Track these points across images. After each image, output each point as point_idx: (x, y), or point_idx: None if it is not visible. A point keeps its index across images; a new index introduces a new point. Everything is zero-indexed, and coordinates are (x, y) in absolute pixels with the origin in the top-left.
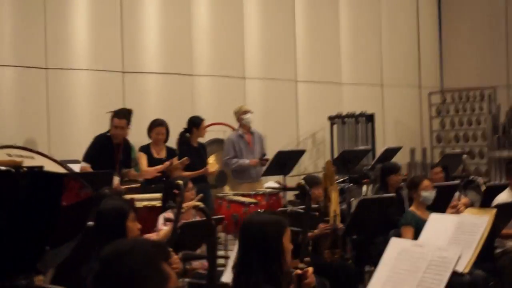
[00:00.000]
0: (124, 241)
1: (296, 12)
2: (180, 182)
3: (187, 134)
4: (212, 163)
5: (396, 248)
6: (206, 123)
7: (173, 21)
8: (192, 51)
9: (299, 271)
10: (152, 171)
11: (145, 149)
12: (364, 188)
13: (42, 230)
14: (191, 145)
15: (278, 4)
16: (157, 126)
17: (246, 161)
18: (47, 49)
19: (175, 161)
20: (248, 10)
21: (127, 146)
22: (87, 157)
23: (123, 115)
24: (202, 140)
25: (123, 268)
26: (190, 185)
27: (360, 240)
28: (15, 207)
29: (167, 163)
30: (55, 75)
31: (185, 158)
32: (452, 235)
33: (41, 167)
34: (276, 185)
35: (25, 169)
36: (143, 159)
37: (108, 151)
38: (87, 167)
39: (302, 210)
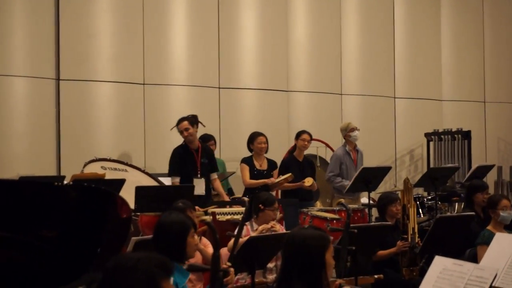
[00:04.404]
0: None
1: (395, 27)
2: (246, 199)
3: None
4: (308, 179)
5: (439, 266)
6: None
7: (270, 37)
8: (289, 67)
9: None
10: (254, 184)
11: (248, 161)
12: (457, 205)
13: (91, 242)
14: (295, 158)
15: (378, 20)
16: (258, 136)
17: (349, 183)
18: (145, 65)
19: (278, 177)
20: (346, 25)
21: (207, 149)
22: (173, 171)
23: (182, 119)
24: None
25: (123, 283)
26: (276, 205)
27: None
28: (64, 218)
29: (272, 179)
30: (152, 91)
31: (289, 174)
32: None
33: (122, 180)
34: (366, 202)
35: (71, 183)
36: (245, 171)
37: (188, 158)
38: (177, 181)
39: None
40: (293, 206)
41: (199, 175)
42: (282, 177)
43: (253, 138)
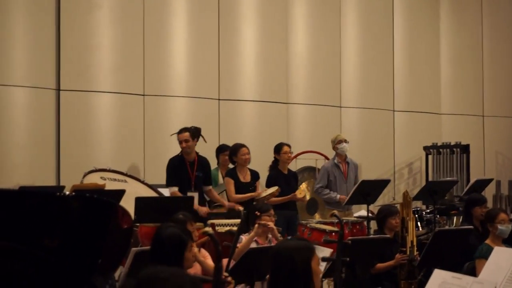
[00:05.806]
0: (164, 269)
1: (395, 41)
2: (241, 208)
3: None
4: (300, 190)
5: (438, 279)
6: (296, 149)
7: (270, 49)
8: (288, 79)
9: None
10: (241, 198)
11: (232, 174)
12: (455, 219)
13: (92, 252)
14: (281, 172)
15: (377, 33)
16: (241, 148)
17: (336, 196)
18: (145, 76)
19: (265, 190)
20: (346, 38)
21: (203, 163)
22: (170, 181)
23: (184, 129)
24: (293, 167)
25: None
26: (272, 211)
27: None
28: (66, 228)
29: (259, 191)
30: (152, 102)
31: (276, 188)
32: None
33: (122, 191)
34: (364, 214)
35: (73, 193)
36: (230, 185)
37: (183, 170)
38: (175, 190)
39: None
40: (282, 217)
41: (192, 189)
42: (269, 191)
43: (235, 150)
